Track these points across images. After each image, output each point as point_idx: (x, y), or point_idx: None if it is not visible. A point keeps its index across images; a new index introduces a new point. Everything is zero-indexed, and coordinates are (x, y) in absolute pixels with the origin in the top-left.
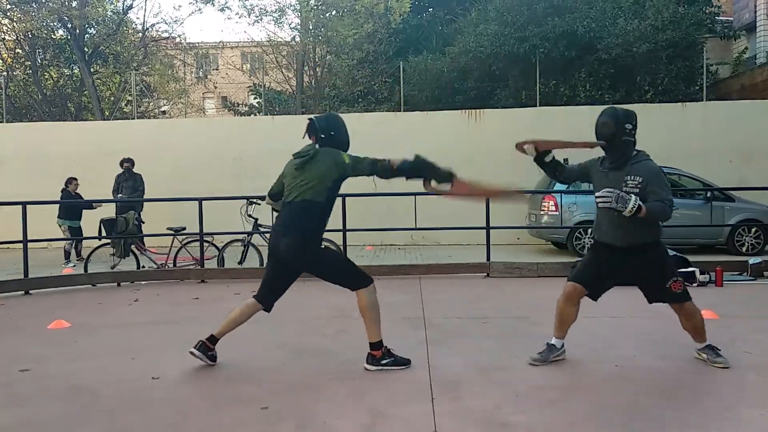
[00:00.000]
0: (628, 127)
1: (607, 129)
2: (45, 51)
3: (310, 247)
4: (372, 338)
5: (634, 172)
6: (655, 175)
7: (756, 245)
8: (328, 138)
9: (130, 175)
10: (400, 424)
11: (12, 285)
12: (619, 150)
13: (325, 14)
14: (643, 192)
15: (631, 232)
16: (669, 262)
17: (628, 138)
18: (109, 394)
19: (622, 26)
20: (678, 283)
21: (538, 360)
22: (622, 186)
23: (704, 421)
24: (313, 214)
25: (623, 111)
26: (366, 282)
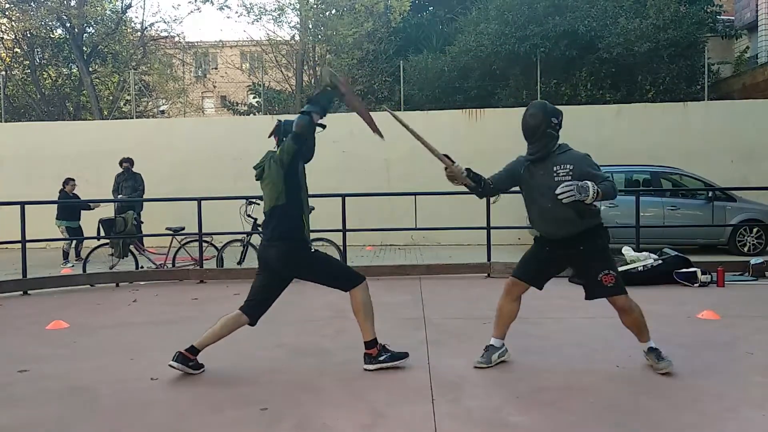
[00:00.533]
0: (554, 120)
1: (533, 120)
2: (43, 50)
3: (295, 255)
4: (366, 337)
5: (561, 161)
6: (584, 159)
7: (758, 245)
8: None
9: (130, 175)
10: (399, 424)
11: (10, 285)
12: (541, 141)
13: (324, 13)
14: (578, 177)
15: (568, 223)
16: (604, 254)
17: (552, 131)
18: (107, 394)
19: (623, 25)
20: (610, 276)
21: (482, 363)
22: (553, 176)
23: (705, 421)
24: (284, 218)
25: (551, 106)
26: (358, 280)
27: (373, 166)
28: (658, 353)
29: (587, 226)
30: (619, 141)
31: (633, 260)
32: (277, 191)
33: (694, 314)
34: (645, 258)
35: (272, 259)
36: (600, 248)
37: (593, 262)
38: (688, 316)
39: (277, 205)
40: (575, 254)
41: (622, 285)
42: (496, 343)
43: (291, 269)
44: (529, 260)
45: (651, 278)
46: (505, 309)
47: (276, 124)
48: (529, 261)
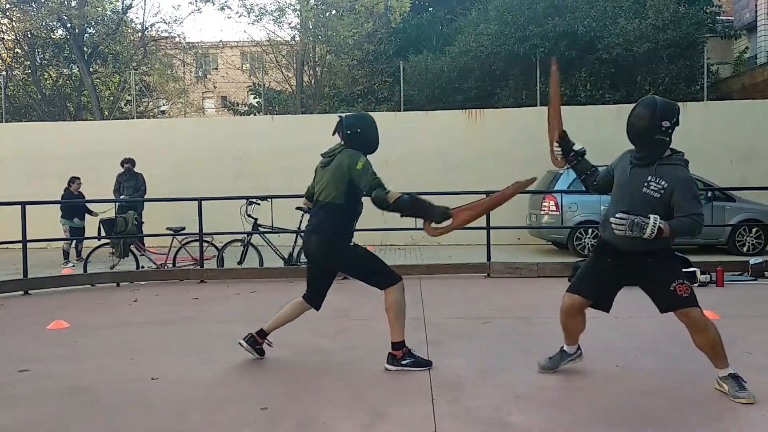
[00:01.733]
0: (665, 124)
1: (639, 122)
2: (44, 51)
3: (335, 245)
4: (395, 338)
5: (661, 174)
6: (684, 183)
7: (757, 245)
8: (353, 135)
9: (132, 175)
10: (400, 424)
11: (11, 285)
12: (648, 148)
13: (324, 14)
14: (666, 200)
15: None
16: (675, 265)
17: (662, 137)
18: (108, 394)
19: (622, 26)
20: (684, 286)
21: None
22: (642, 186)
23: (705, 421)
24: (336, 215)
25: (663, 104)
26: (395, 280)
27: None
28: (740, 381)
29: (653, 247)
30: (619, 141)
31: None
32: (338, 191)
33: None
34: None
35: (311, 248)
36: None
37: (663, 271)
38: None
39: (335, 203)
40: (640, 267)
41: (695, 297)
42: (569, 350)
43: (328, 260)
44: (589, 273)
45: None
46: (571, 326)
47: (338, 120)
48: (588, 274)
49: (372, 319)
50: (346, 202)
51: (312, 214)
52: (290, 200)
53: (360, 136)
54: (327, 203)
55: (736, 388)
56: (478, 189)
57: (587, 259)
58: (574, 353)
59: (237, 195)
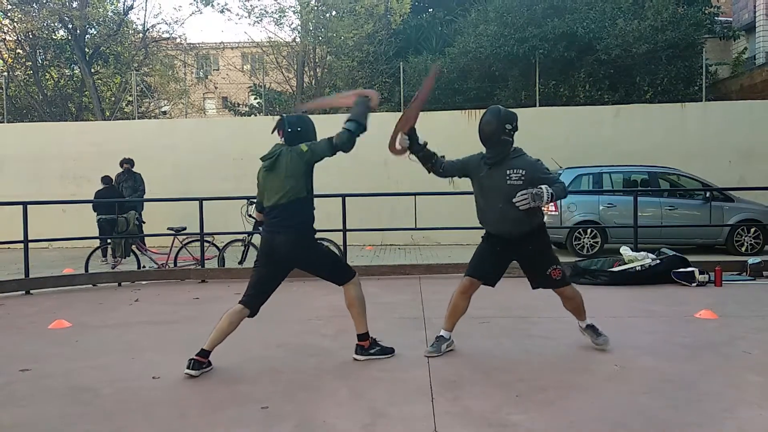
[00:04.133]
0: (508, 127)
1: (488, 127)
2: (45, 51)
3: (306, 240)
4: (360, 330)
5: (515, 165)
6: (536, 164)
7: (755, 245)
8: (294, 133)
9: (130, 175)
10: (400, 424)
11: (13, 285)
12: (497, 147)
13: (325, 15)
14: (529, 182)
15: (517, 223)
16: (550, 250)
17: (506, 137)
18: (109, 394)
19: (621, 27)
20: (557, 270)
21: (432, 352)
22: (505, 180)
23: (704, 421)
24: (302, 210)
25: (506, 112)
26: (352, 275)
27: (373, 166)
28: (596, 330)
29: (533, 225)
30: (618, 142)
31: (631, 260)
32: (299, 185)
33: (691, 314)
34: (643, 258)
35: (278, 245)
36: (546, 245)
37: (542, 258)
38: (685, 316)
39: (298, 198)
40: (524, 252)
41: (567, 276)
42: (446, 335)
43: (297, 257)
44: (484, 259)
45: (649, 278)
46: (460, 306)
47: (279, 119)
48: (483, 260)
49: (372, 319)
50: (308, 192)
51: (271, 218)
52: None
53: (300, 134)
54: (291, 201)
55: (595, 335)
56: None
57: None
58: (449, 339)
59: (238, 195)
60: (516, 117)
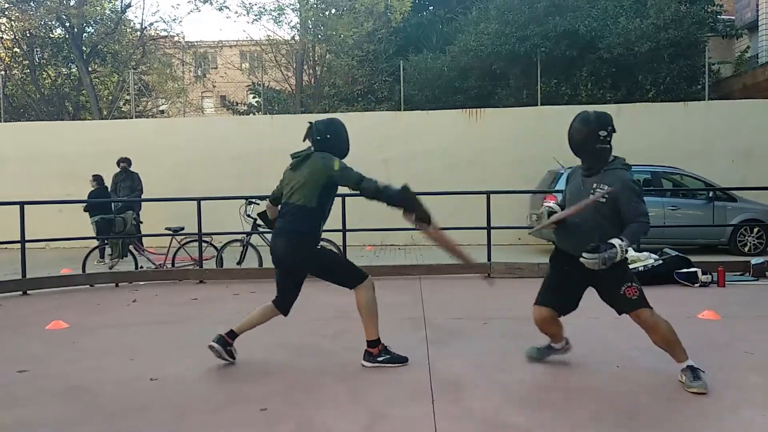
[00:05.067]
0: (602, 134)
1: (579, 135)
2: (43, 50)
3: (304, 247)
4: (369, 336)
5: (605, 180)
6: (626, 185)
7: (758, 245)
8: (323, 140)
9: (127, 175)
10: (400, 424)
11: (10, 285)
12: (591, 158)
13: (324, 13)
14: (612, 202)
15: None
16: (624, 266)
17: (602, 145)
18: (107, 394)
19: (623, 25)
20: (633, 288)
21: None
22: (590, 192)
23: (705, 422)
24: (306, 217)
25: (596, 116)
26: (363, 279)
27: (372, 166)
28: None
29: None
30: (620, 141)
31: (634, 260)
32: (312, 194)
33: (694, 314)
34: (646, 258)
35: (278, 250)
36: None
37: (613, 275)
38: (688, 317)
39: (306, 206)
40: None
41: (644, 298)
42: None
43: (296, 263)
44: (550, 284)
45: (652, 278)
46: (549, 332)
47: (308, 126)
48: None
49: None
50: (318, 205)
51: (280, 216)
52: None
53: (330, 142)
54: (299, 206)
55: (691, 378)
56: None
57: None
58: (561, 347)
59: (236, 195)
60: (610, 119)
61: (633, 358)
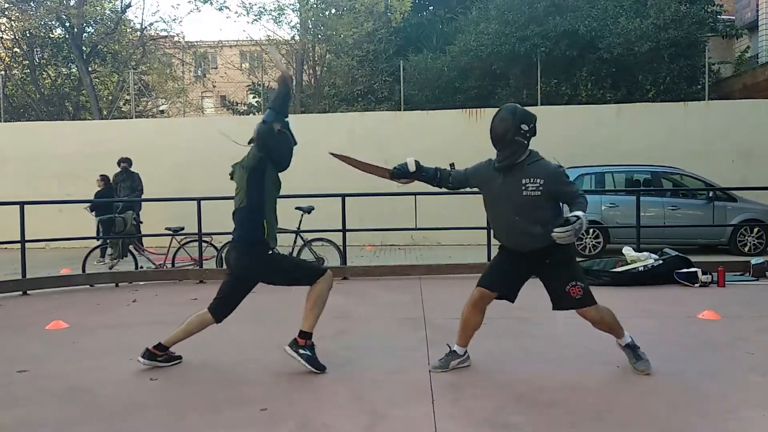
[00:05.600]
0: (524, 127)
1: (502, 125)
2: (43, 50)
3: (255, 255)
4: (305, 327)
5: (532, 173)
6: (556, 174)
7: (758, 245)
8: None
9: (128, 175)
10: (400, 425)
11: (10, 285)
12: (509, 148)
13: (324, 13)
14: (547, 192)
15: (533, 237)
16: (570, 264)
17: (521, 138)
18: (107, 394)
19: (623, 25)
20: (577, 287)
21: (438, 367)
22: (521, 189)
23: (706, 422)
24: (245, 221)
25: (523, 110)
26: (321, 273)
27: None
28: (635, 350)
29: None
30: (620, 141)
31: (634, 260)
32: (241, 195)
33: (694, 314)
34: (646, 258)
35: (232, 261)
36: (566, 259)
37: (560, 273)
38: (688, 317)
39: (240, 207)
40: (540, 266)
41: (590, 295)
42: (459, 351)
43: (249, 272)
44: (496, 270)
45: (651, 278)
46: (472, 320)
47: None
48: (495, 271)
49: (372, 319)
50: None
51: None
52: (289, 200)
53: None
54: (237, 210)
55: (634, 359)
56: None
57: (495, 256)
58: (463, 355)
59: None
60: (535, 119)
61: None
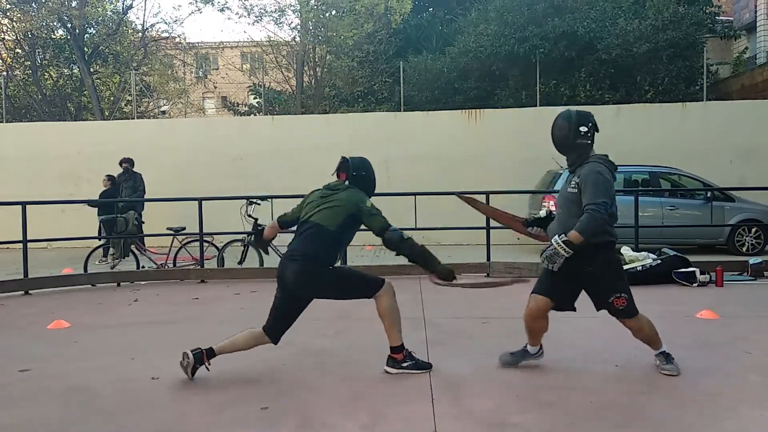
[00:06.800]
0: (583, 130)
1: (560, 132)
2: (45, 51)
3: (316, 275)
4: (393, 342)
5: (580, 172)
6: (589, 175)
7: (756, 245)
8: (359, 177)
9: (130, 175)
10: (400, 424)
11: (12, 285)
12: (573, 153)
13: (324, 14)
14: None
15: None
16: (615, 275)
17: (583, 141)
18: (108, 394)
19: (622, 26)
20: (621, 299)
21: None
22: (568, 187)
23: (705, 421)
24: (323, 241)
25: (578, 114)
26: (381, 285)
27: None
28: (667, 357)
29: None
30: (618, 141)
31: (632, 260)
32: (335, 218)
33: (693, 314)
34: (644, 258)
35: (288, 276)
36: (609, 269)
37: (603, 283)
38: (686, 316)
39: (326, 227)
40: (582, 273)
41: (633, 306)
42: (532, 350)
43: (306, 291)
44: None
45: (650, 278)
46: (535, 327)
47: (341, 161)
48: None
49: (372, 319)
50: (337, 231)
51: (295, 238)
52: (290, 200)
53: (364, 178)
54: (318, 224)
55: (664, 361)
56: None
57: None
58: (536, 353)
59: (237, 195)
60: (591, 116)
61: (632, 358)
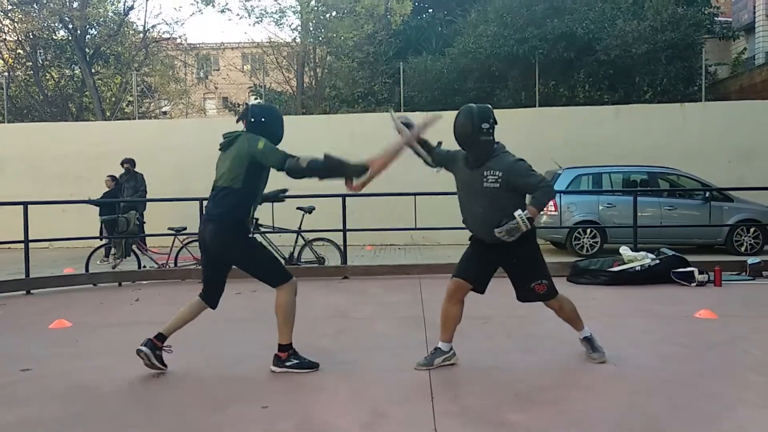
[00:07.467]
0: (485, 126)
1: (462, 129)
2: (46, 51)
3: (231, 234)
4: (282, 340)
5: (492, 166)
6: (514, 167)
7: (755, 245)
8: (257, 123)
9: (131, 176)
10: (399, 423)
11: (13, 285)
12: (476, 149)
13: (325, 15)
14: (506, 185)
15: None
16: (536, 261)
17: (485, 137)
18: (109, 393)
19: (621, 27)
20: (542, 285)
21: (423, 365)
22: (482, 181)
23: (704, 421)
24: (232, 201)
25: (479, 110)
26: (287, 278)
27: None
28: (592, 342)
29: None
30: (617, 142)
31: (630, 260)
32: (237, 173)
33: (691, 313)
34: (642, 258)
35: (206, 237)
36: (532, 255)
37: (525, 270)
38: (685, 316)
39: (233, 187)
40: (507, 261)
41: (553, 289)
42: (444, 347)
43: (223, 251)
44: (468, 261)
45: (648, 278)
46: (451, 313)
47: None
48: (468, 262)
49: (372, 319)
50: (244, 186)
51: (209, 200)
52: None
53: (263, 125)
54: (224, 187)
55: (590, 349)
56: None
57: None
58: (449, 351)
59: None
60: (491, 112)
61: (630, 357)
